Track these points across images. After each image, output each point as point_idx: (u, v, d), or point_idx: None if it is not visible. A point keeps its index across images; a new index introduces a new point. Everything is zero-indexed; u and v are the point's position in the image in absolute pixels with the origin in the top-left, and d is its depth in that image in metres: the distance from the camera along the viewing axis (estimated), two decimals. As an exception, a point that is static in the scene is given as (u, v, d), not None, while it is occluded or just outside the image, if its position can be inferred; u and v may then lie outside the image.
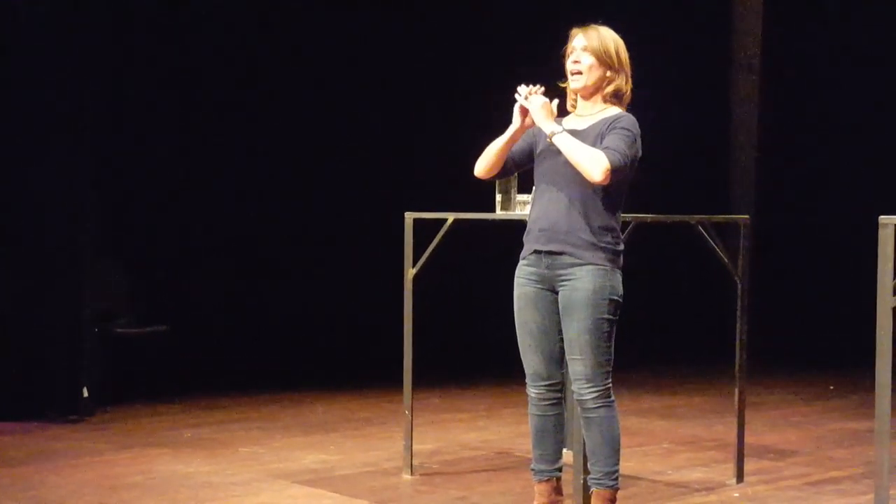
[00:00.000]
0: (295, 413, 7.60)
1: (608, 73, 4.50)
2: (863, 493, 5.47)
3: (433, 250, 5.68)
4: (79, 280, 7.28)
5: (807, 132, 10.97)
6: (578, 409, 4.52)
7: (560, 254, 4.44)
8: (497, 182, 5.38)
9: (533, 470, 4.70)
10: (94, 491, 5.42)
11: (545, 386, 4.58)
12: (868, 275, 4.61)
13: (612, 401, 4.48)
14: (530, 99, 4.43)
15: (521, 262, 4.60)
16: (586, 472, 4.77)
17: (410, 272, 5.78)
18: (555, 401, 4.61)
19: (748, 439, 5.92)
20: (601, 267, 4.41)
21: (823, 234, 10.69)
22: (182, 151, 8.91)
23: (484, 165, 4.61)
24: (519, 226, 5.32)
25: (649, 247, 7.39)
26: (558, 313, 4.49)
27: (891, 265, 4.29)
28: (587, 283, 4.39)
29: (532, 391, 4.62)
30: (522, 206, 5.43)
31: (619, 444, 4.52)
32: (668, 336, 10.60)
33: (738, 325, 5.69)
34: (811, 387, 8.93)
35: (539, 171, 4.59)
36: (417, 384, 5.91)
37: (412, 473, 5.82)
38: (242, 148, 9.16)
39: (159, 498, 5.31)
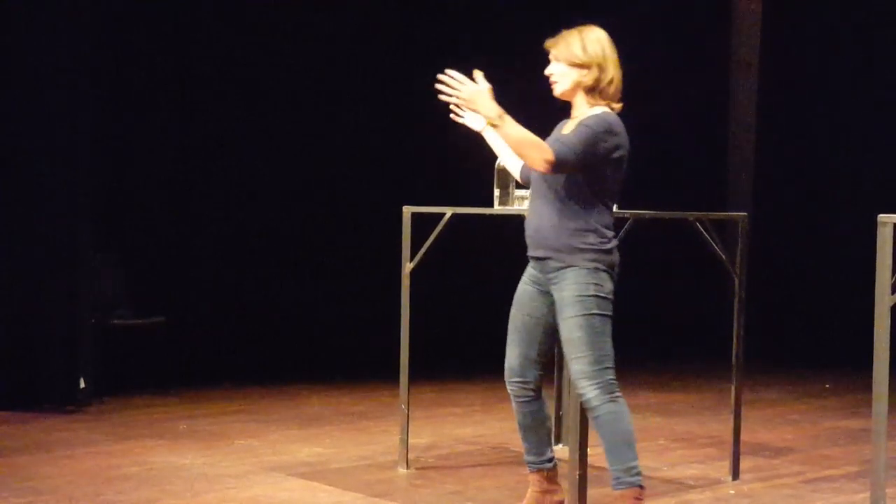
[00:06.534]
0: (291, 406, 7.60)
1: (578, 72, 4.49)
2: (858, 491, 5.48)
3: (431, 245, 5.67)
4: (76, 272, 7.29)
5: (806, 130, 10.96)
6: (587, 413, 4.52)
7: (546, 259, 4.51)
8: (496, 177, 5.37)
9: (525, 461, 4.83)
10: (89, 481, 5.42)
11: (517, 382, 4.67)
12: (866, 273, 4.62)
13: (618, 396, 4.45)
14: (459, 90, 4.42)
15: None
16: (582, 467, 4.77)
17: (408, 266, 5.77)
18: (528, 398, 4.67)
19: (744, 436, 5.93)
20: (583, 268, 4.43)
21: (821, 231, 10.68)
22: (180, 144, 8.89)
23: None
24: (516, 220, 5.32)
25: (647, 243, 7.39)
26: (551, 316, 4.56)
27: (889, 263, 4.29)
28: (570, 283, 4.43)
29: (508, 387, 4.71)
30: (521, 202, 5.41)
31: (632, 439, 4.46)
32: (665, 332, 10.60)
33: (734, 322, 5.69)
34: (808, 384, 8.94)
35: (529, 175, 4.69)
36: (413, 378, 5.90)
37: (407, 467, 5.82)
38: (240, 141, 9.14)
39: (154, 489, 5.31)
